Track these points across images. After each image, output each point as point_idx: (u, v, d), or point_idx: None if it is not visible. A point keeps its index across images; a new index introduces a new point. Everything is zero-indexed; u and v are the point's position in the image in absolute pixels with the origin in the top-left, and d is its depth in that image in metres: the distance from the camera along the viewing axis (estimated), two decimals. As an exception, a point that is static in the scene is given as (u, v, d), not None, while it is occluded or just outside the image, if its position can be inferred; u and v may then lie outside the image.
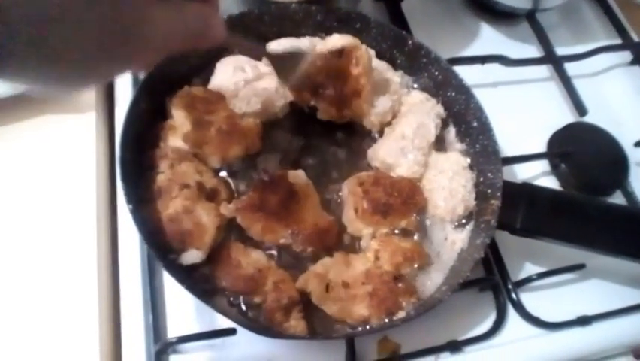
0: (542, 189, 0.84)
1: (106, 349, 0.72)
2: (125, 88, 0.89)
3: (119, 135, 0.73)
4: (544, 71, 1.10)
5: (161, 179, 0.74)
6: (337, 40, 0.81)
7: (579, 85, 1.06)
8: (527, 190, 0.82)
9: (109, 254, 0.80)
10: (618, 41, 1.15)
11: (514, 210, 0.78)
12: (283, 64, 0.76)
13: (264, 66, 0.85)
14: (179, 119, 0.79)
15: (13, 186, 0.81)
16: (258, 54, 0.81)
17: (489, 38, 1.14)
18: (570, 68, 1.08)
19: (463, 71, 0.87)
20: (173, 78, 0.81)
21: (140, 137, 0.76)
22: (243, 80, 0.81)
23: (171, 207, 0.72)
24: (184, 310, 0.76)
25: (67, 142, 0.85)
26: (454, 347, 0.78)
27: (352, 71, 0.80)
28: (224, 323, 0.71)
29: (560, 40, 1.13)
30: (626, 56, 1.14)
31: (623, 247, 0.80)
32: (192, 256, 0.70)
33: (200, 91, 0.81)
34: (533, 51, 1.13)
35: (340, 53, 0.80)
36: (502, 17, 1.16)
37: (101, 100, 0.90)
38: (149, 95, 0.78)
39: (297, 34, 0.89)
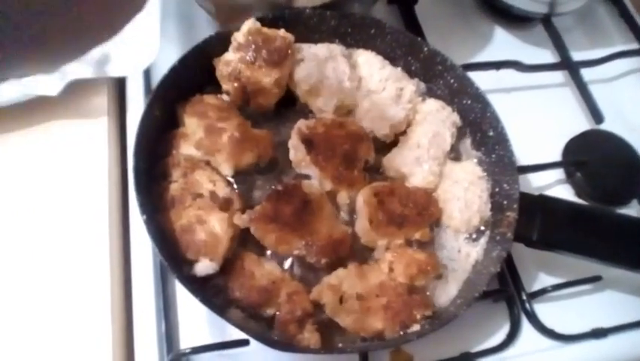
0: (559, 201, 0.82)
1: (118, 359, 0.72)
2: (136, 94, 0.89)
3: (131, 143, 0.72)
4: (559, 76, 1.08)
5: (174, 188, 0.74)
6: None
7: (595, 91, 1.05)
8: (543, 202, 0.81)
9: (121, 263, 0.79)
10: (635, 46, 1.13)
11: (530, 222, 0.77)
12: None
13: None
14: (192, 126, 0.78)
15: (23, 194, 0.80)
16: None
17: (503, 43, 1.12)
18: (586, 73, 1.06)
19: (476, 77, 0.86)
20: (185, 86, 0.80)
21: (153, 145, 0.76)
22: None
23: (184, 217, 0.71)
24: (197, 319, 0.76)
25: (78, 148, 0.84)
26: (467, 359, 0.78)
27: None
28: (237, 333, 0.70)
29: (576, 45, 1.11)
30: (644, 61, 1.13)
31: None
32: (206, 267, 0.69)
33: (212, 99, 0.81)
34: (548, 56, 1.11)
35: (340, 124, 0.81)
36: (517, 21, 1.14)
37: (112, 106, 0.89)
38: (161, 103, 0.77)
39: (311, 40, 0.87)
